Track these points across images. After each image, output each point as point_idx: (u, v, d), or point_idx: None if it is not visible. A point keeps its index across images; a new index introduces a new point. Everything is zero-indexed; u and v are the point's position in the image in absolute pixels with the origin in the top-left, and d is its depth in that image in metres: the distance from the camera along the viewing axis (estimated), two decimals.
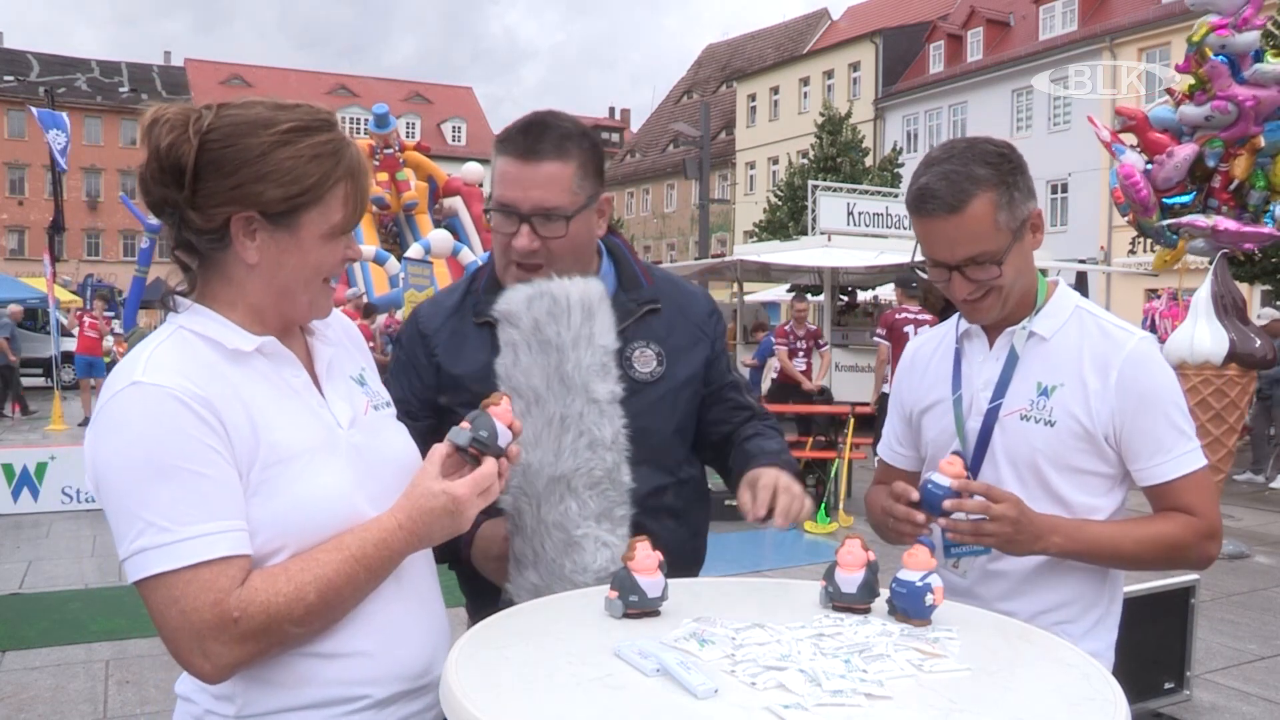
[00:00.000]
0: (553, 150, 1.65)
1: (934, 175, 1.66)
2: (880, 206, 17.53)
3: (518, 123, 1.70)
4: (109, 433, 1.22)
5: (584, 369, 1.63)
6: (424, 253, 14.24)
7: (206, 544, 1.18)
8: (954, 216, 1.64)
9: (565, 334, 1.63)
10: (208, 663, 1.19)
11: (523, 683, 1.17)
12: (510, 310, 1.66)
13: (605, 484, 1.63)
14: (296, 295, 1.34)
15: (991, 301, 1.72)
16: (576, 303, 1.64)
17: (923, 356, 1.95)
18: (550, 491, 1.59)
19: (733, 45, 58.75)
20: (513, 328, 1.65)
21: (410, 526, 1.30)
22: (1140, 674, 3.84)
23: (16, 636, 5.08)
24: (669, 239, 53.36)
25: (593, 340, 1.65)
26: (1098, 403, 1.68)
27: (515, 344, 1.65)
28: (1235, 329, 6.92)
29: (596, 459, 1.62)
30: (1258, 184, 7.34)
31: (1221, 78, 7.10)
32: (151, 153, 1.27)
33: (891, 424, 2.02)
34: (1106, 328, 1.74)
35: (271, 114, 1.29)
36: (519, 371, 1.63)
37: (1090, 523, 1.70)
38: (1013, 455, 1.73)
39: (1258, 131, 7.22)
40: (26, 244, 52.27)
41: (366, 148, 16.61)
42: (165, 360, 1.25)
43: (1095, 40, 31.05)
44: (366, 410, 1.43)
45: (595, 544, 1.61)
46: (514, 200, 1.66)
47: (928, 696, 1.14)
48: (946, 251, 1.68)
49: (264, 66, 62.62)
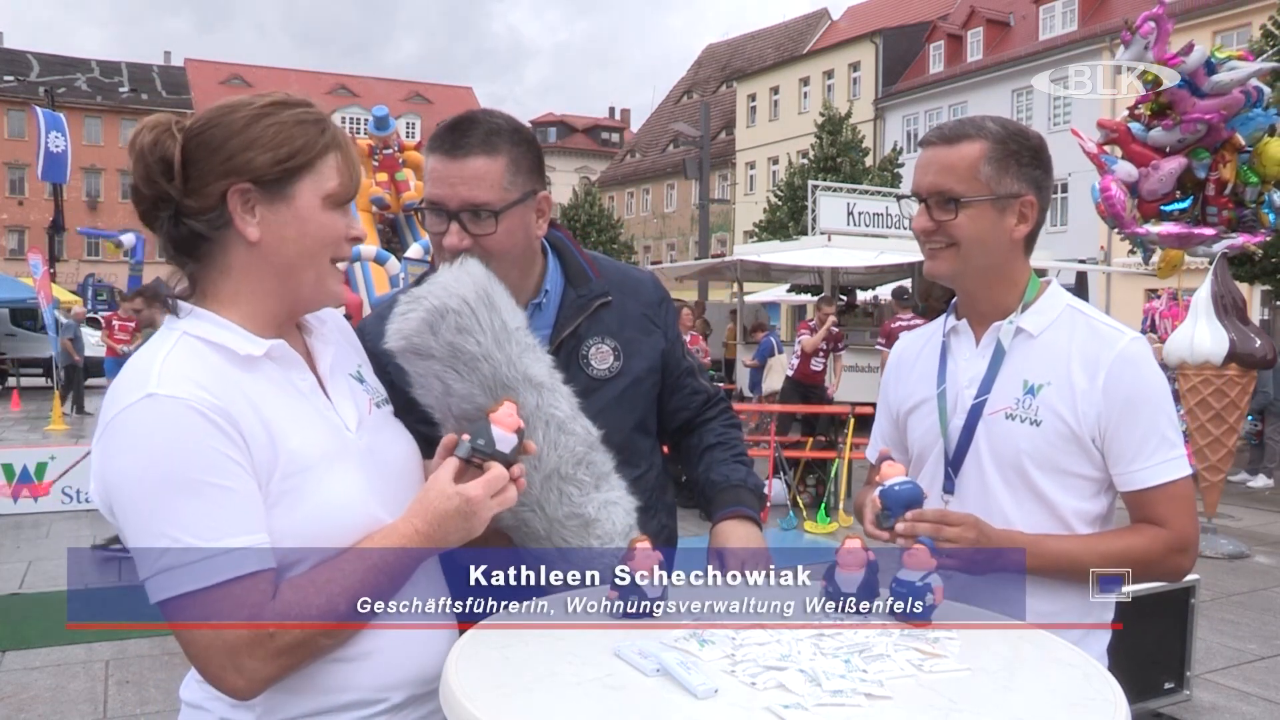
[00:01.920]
0: (480, 146, 1.61)
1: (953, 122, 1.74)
2: (880, 206, 17.52)
3: (447, 120, 1.67)
4: (124, 447, 1.18)
5: (515, 362, 1.53)
6: (424, 253, 14.23)
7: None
8: (942, 146, 1.70)
9: (484, 340, 1.51)
10: (241, 678, 1.18)
11: (523, 683, 1.17)
12: (414, 344, 1.50)
13: (586, 452, 1.60)
14: (302, 271, 1.33)
15: (948, 257, 1.71)
16: (476, 301, 1.51)
17: (909, 355, 1.93)
18: (548, 490, 1.57)
19: (733, 45, 58.72)
20: (425, 359, 1.51)
21: (427, 531, 1.30)
22: (1140, 674, 3.84)
23: (16, 636, 5.08)
24: (669, 239, 53.35)
25: (507, 328, 1.54)
26: (1084, 403, 1.65)
27: (437, 374, 1.51)
28: (1235, 329, 6.91)
29: (570, 437, 1.58)
30: (1250, 180, 7.39)
31: (1183, 101, 7.21)
32: (137, 157, 1.28)
33: (879, 425, 1.99)
34: (1097, 327, 1.71)
35: (249, 98, 1.32)
36: (457, 400, 1.51)
37: (1049, 538, 1.66)
38: (997, 455, 1.70)
39: (1231, 134, 7.30)
40: (26, 244, 52.16)
41: (365, 148, 16.61)
42: (177, 370, 1.22)
43: (1095, 40, 31.03)
44: (370, 409, 1.43)
45: (606, 509, 1.60)
46: (442, 197, 1.62)
47: (928, 696, 1.14)
48: (921, 177, 1.72)
49: (264, 66, 62.54)
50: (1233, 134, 7.35)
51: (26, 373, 20.77)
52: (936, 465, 1.79)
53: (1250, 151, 7.39)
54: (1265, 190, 7.47)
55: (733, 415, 1.95)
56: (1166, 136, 7.34)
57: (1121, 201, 7.57)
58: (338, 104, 57.14)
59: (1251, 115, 7.31)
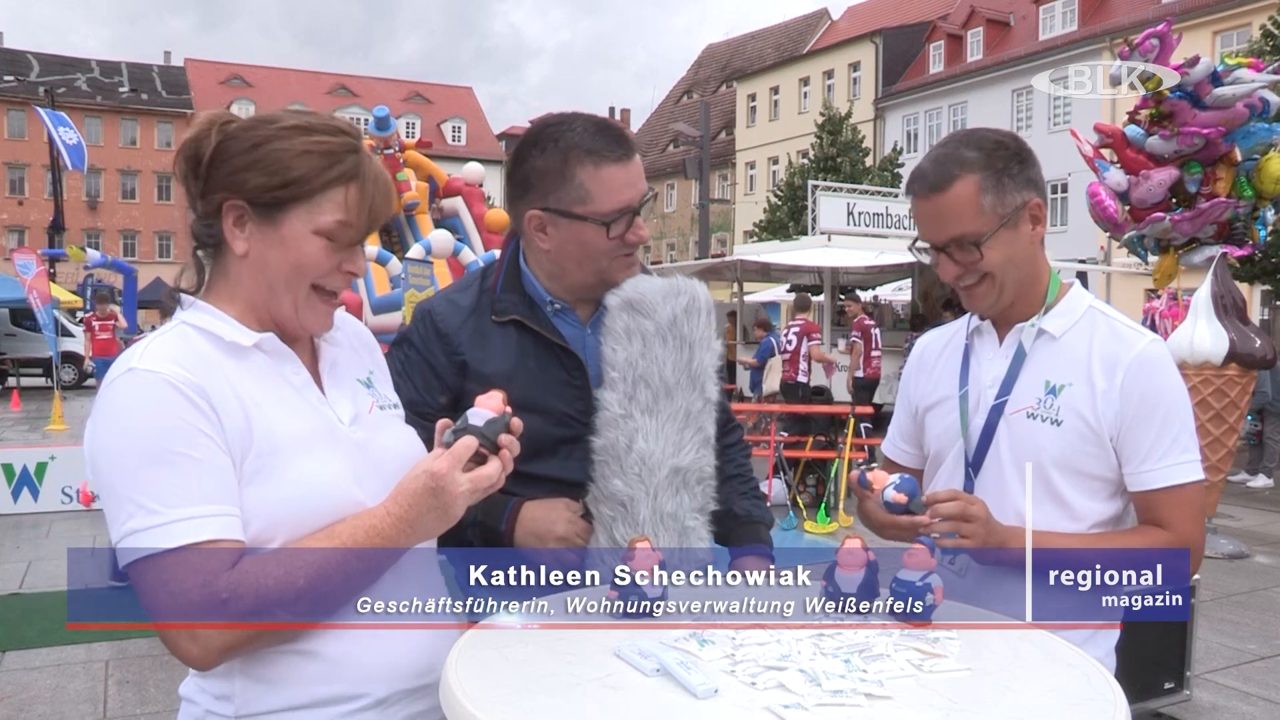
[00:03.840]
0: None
1: (928, 158, 1.71)
2: (880, 206, 17.52)
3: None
4: (105, 419, 1.24)
5: (706, 369, 1.71)
6: (425, 253, 14.22)
7: (195, 526, 1.19)
8: (936, 196, 1.68)
9: (697, 333, 1.71)
10: (195, 646, 1.19)
11: (523, 683, 1.17)
12: (644, 300, 1.69)
13: (709, 480, 1.72)
14: (280, 294, 1.34)
15: (985, 289, 1.71)
16: (704, 305, 1.73)
17: (931, 353, 1.93)
18: (669, 483, 1.65)
19: (733, 45, 58.72)
20: (644, 318, 1.69)
21: (398, 512, 1.29)
22: (1140, 674, 3.84)
23: (16, 636, 5.08)
24: (669, 239, 53.35)
25: (711, 343, 1.73)
26: (1104, 404, 1.66)
27: (646, 334, 1.68)
28: (1235, 329, 6.91)
29: (707, 456, 1.71)
30: (1244, 194, 7.35)
31: (1183, 112, 7.14)
32: (182, 147, 1.35)
33: (897, 420, 2.00)
34: (1118, 328, 1.72)
35: (283, 115, 1.34)
36: (648, 362, 1.67)
37: (1053, 536, 1.66)
38: (1018, 454, 1.70)
39: (1230, 148, 7.24)
40: (26, 244, 52.23)
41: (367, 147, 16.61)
42: (162, 350, 1.27)
43: (1095, 40, 31.03)
44: (371, 409, 1.43)
45: (697, 536, 1.69)
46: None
47: (928, 696, 1.14)
48: (931, 231, 1.71)
49: (264, 66, 62.43)
50: (1231, 148, 7.30)
51: (26, 373, 20.78)
52: (956, 465, 1.80)
53: (1251, 163, 7.33)
54: (1260, 206, 7.44)
55: (746, 445, 2.00)
56: (1164, 146, 7.30)
57: (1112, 207, 7.59)
58: (337, 104, 56.99)
59: (1253, 129, 7.20)
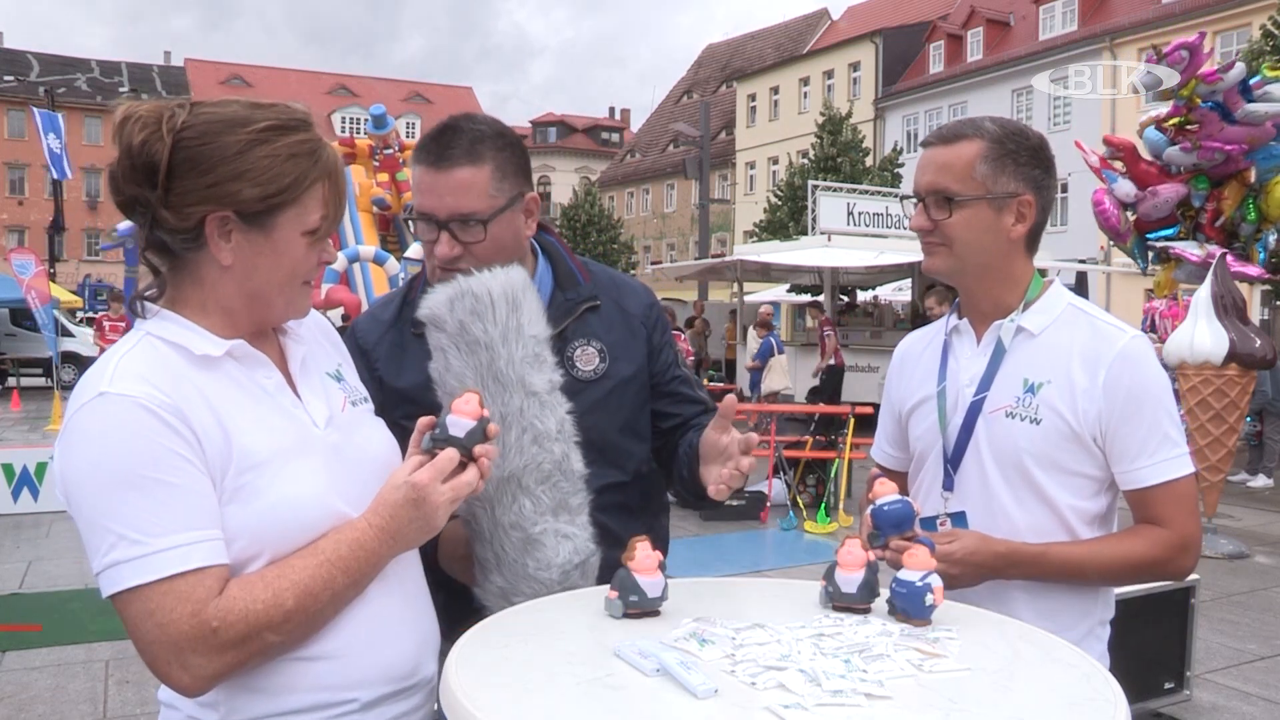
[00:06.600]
0: (464, 155, 1.64)
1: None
2: (880, 206, 17.53)
3: (431, 130, 1.70)
4: (77, 445, 1.19)
5: (517, 363, 1.59)
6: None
7: (181, 555, 1.16)
8: (941, 146, 1.73)
9: (493, 330, 1.58)
10: (186, 675, 1.17)
11: (523, 683, 1.17)
12: (433, 314, 1.61)
13: (556, 476, 1.60)
14: (271, 299, 1.32)
15: (943, 255, 1.74)
16: (500, 296, 1.60)
17: (912, 355, 1.93)
18: (502, 492, 1.57)
19: (733, 45, 58.72)
20: (439, 331, 1.61)
21: (380, 524, 1.29)
22: (1140, 674, 3.84)
23: (16, 636, 5.08)
24: (669, 239, 53.34)
25: (521, 332, 1.60)
26: (1085, 402, 1.65)
27: (444, 348, 1.61)
28: (1235, 329, 6.91)
29: (544, 452, 1.59)
30: (1249, 216, 7.32)
31: (1211, 124, 7.07)
32: (123, 150, 1.24)
33: (883, 425, 2.00)
34: (1099, 325, 1.70)
35: (248, 112, 1.27)
36: (451, 376, 1.59)
37: (1052, 549, 1.66)
38: (998, 453, 1.70)
39: (1247, 166, 7.20)
40: (26, 244, 52.21)
41: (366, 148, 16.61)
42: (131, 369, 1.22)
43: (1095, 40, 31.05)
44: (344, 407, 1.41)
45: (555, 538, 1.59)
46: (430, 209, 1.66)
47: (928, 696, 1.13)
48: (921, 175, 1.75)
49: (264, 66, 62.52)
50: (1249, 167, 7.24)
51: (26, 373, 20.77)
52: (936, 463, 1.80)
53: (1261, 188, 7.29)
54: (1264, 229, 7.42)
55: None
56: (1183, 158, 7.24)
57: (1115, 214, 7.58)
58: (337, 104, 57.14)
59: (1275, 150, 7.11)
